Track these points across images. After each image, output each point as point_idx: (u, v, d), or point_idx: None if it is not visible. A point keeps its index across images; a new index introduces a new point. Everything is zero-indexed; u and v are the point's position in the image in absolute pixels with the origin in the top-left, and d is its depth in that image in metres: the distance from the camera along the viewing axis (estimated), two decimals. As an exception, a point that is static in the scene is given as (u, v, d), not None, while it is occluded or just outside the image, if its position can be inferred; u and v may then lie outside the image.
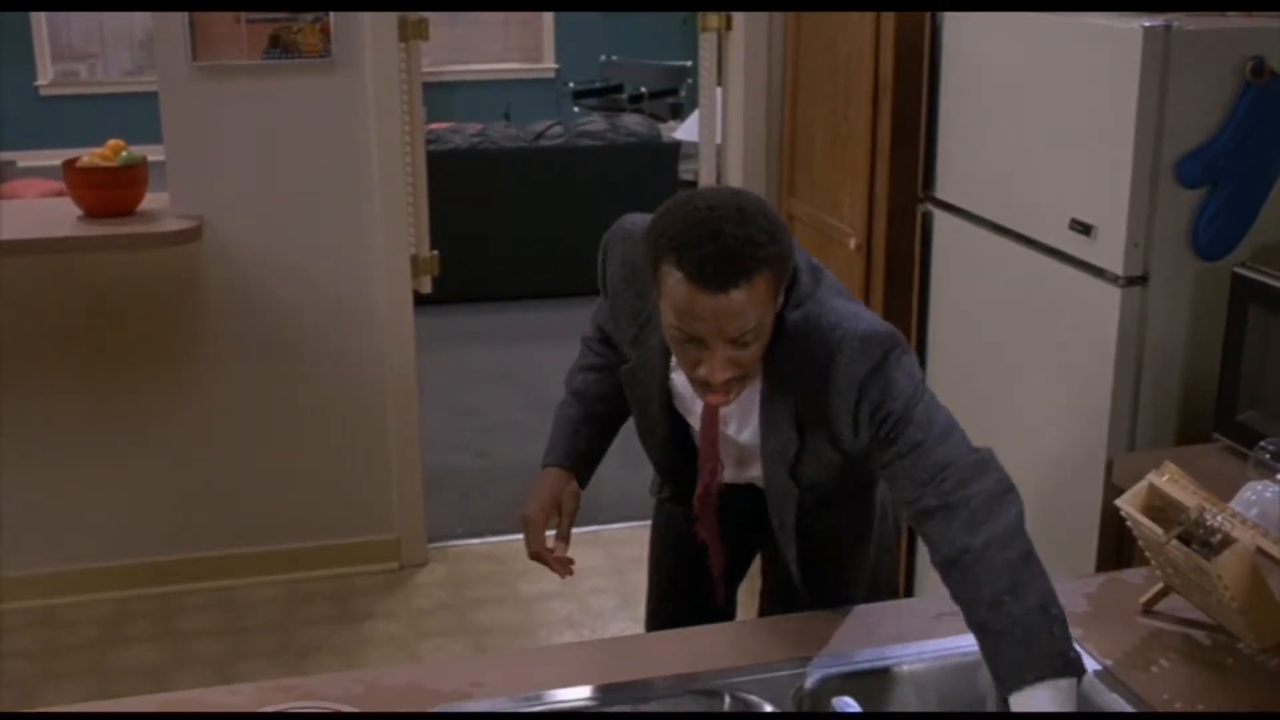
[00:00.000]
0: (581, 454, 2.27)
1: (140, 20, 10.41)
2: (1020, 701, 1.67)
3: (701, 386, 1.88)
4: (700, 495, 2.20)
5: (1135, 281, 2.64)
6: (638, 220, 2.08)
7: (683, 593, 2.43)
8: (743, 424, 2.06)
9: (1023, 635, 1.70)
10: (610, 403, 2.28)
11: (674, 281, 1.77)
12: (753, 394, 2.00)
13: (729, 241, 1.75)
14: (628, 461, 3.11)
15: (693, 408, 2.10)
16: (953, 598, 1.80)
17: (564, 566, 2.18)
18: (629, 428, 2.29)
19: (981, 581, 1.75)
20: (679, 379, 2.05)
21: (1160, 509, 1.95)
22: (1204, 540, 1.85)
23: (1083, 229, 2.72)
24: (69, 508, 3.96)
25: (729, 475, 2.18)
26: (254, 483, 4.05)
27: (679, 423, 2.16)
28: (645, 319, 2.06)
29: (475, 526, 4.48)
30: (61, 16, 10.51)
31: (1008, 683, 1.69)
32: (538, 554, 2.19)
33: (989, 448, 1.91)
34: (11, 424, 3.87)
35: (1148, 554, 2.00)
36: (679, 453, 2.21)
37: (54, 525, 3.97)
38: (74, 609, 3.93)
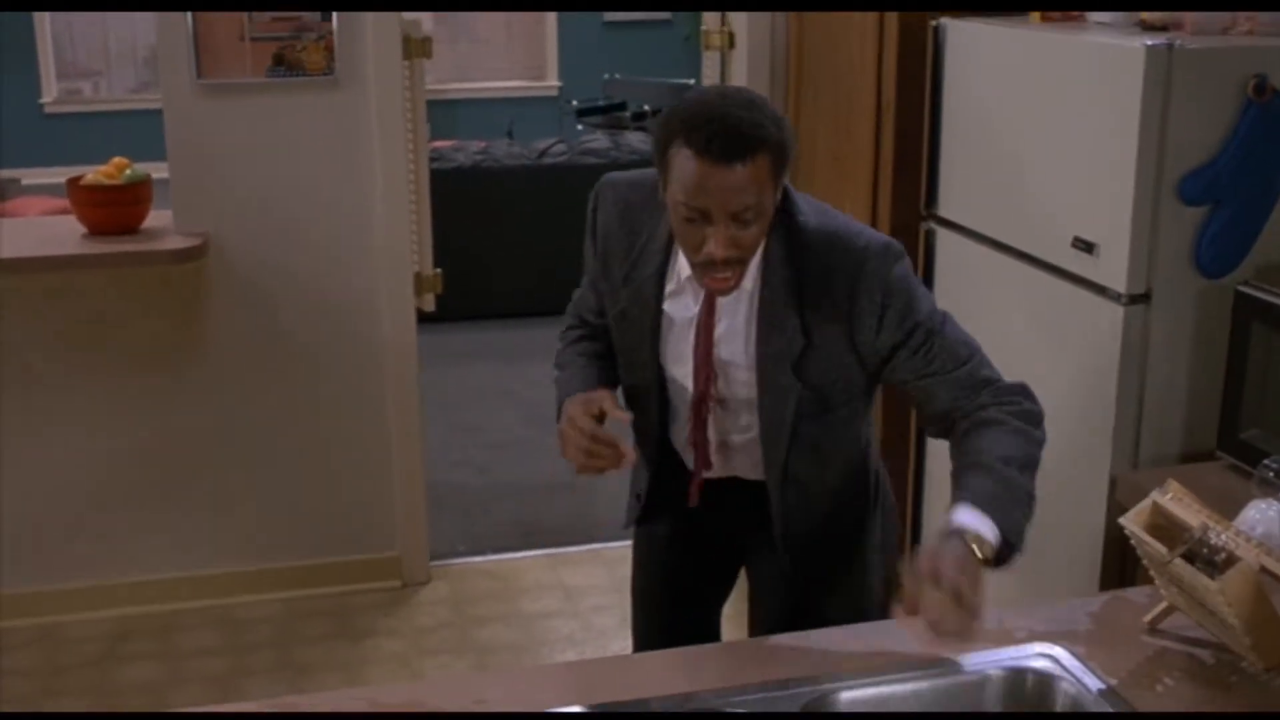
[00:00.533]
0: (594, 385, 2.22)
1: (144, 38, 10.44)
2: (960, 512, 1.89)
3: (705, 269, 1.97)
4: (694, 405, 2.18)
5: (1138, 299, 2.64)
6: (624, 174, 2.24)
7: (670, 625, 2.46)
8: (732, 341, 2.12)
9: (1006, 490, 1.94)
10: (609, 358, 2.30)
11: (684, 159, 1.91)
12: (740, 309, 2.09)
13: (735, 121, 1.90)
14: (628, 478, 3.09)
15: (682, 351, 2.15)
16: (960, 450, 2.02)
17: (619, 454, 2.07)
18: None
19: (1007, 451, 1.99)
20: (672, 307, 2.13)
21: (1164, 527, 1.94)
22: (1208, 559, 1.84)
23: (1085, 247, 2.72)
24: (69, 524, 3.96)
25: (714, 466, 2.24)
26: (255, 500, 4.05)
27: (665, 380, 2.20)
28: (638, 252, 2.15)
29: (477, 544, 4.47)
30: (66, 33, 10.54)
31: (966, 497, 1.91)
32: (589, 452, 2.06)
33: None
34: (13, 439, 3.87)
35: (1151, 572, 2.00)
36: (662, 412, 2.23)
37: (54, 542, 3.96)
38: (74, 627, 3.93)
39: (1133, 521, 1.97)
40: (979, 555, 1.83)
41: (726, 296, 2.07)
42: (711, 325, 2.11)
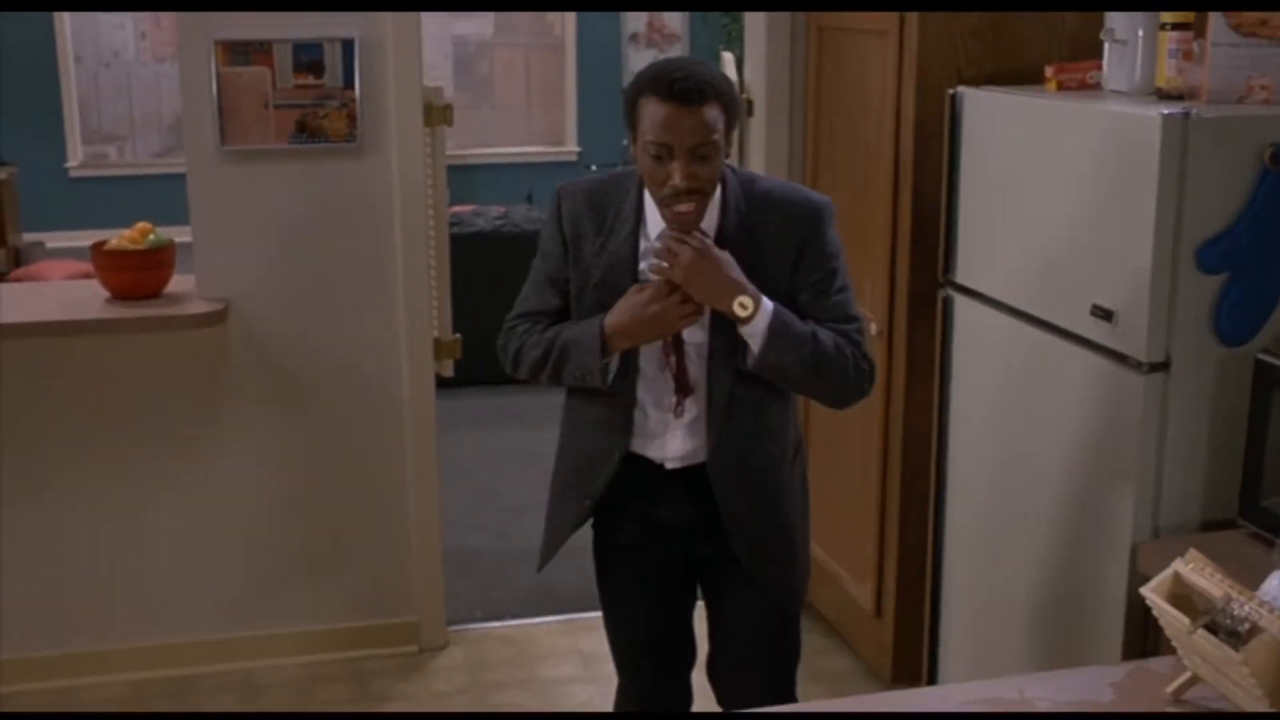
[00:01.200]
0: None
1: (169, 103, 10.57)
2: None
3: (670, 201, 2.37)
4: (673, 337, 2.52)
5: (1157, 367, 2.64)
6: (577, 179, 2.66)
7: (651, 635, 2.77)
8: None
9: (802, 327, 2.43)
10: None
11: (651, 105, 2.34)
12: None
13: (692, 72, 2.34)
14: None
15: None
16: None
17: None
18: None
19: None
20: (646, 265, 2.48)
21: (1186, 597, 1.93)
22: (1231, 630, 1.83)
23: (1104, 315, 2.72)
24: (86, 586, 3.96)
25: (677, 451, 2.55)
26: (273, 563, 4.05)
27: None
28: (610, 224, 2.53)
29: (495, 609, 4.45)
30: (92, 98, 10.67)
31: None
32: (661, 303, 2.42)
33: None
34: (33, 502, 3.88)
35: (1174, 643, 1.98)
36: (633, 374, 2.53)
37: (71, 603, 3.96)
38: (90, 690, 3.92)
39: (1154, 591, 1.96)
40: (743, 304, 2.37)
41: (688, 231, 2.40)
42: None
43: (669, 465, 2.58)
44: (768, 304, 2.40)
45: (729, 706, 2.71)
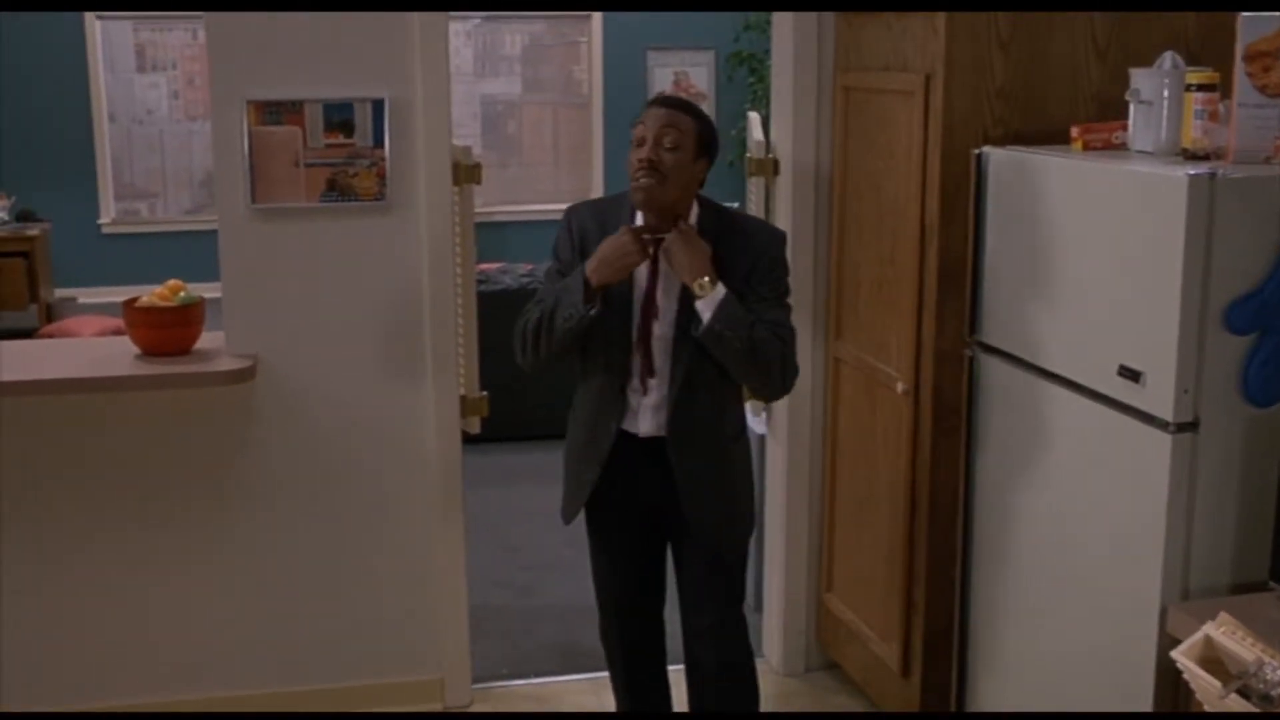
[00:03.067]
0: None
1: (201, 162, 10.69)
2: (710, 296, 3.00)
3: (635, 175, 3.01)
4: (643, 307, 3.14)
5: (1185, 428, 2.63)
6: (587, 200, 3.37)
7: (629, 607, 3.41)
8: (670, 284, 3.11)
9: (753, 321, 3.03)
10: None
11: (643, 113, 3.07)
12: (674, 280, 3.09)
13: (678, 96, 3.00)
14: (676, 603, 3.13)
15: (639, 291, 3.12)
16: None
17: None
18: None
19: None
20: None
21: (1217, 660, 1.92)
22: (1264, 694, 1.82)
23: (1132, 375, 2.71)
24: (111, 643, 3.97)
25: (646, 426, 3.16)
26: (297, 619, 4.05)
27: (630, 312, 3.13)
28: (608, 231, 3.10)
29: (520, 667, 4.44)
30: (125, 155, 10.81)
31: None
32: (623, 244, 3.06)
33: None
34: (61, 557, 3.90)
35: (1206, 707, 1.96)
36: (624, 338, 3.13)
37: (98, 661, 3.97)
38: (116, 747, 3.92)
39: (1185, 655, 1.95)
40: (703, 284, 2.98)
41: (649, 210, 3.04)
42: (655, 275, 3.11)
43: (641, 435, 3.17)
44: (722, 288, 2.99)
45: (687, 618, 3.28)
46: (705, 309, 2.99)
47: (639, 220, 3.12)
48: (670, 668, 3.51)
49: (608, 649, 3.50)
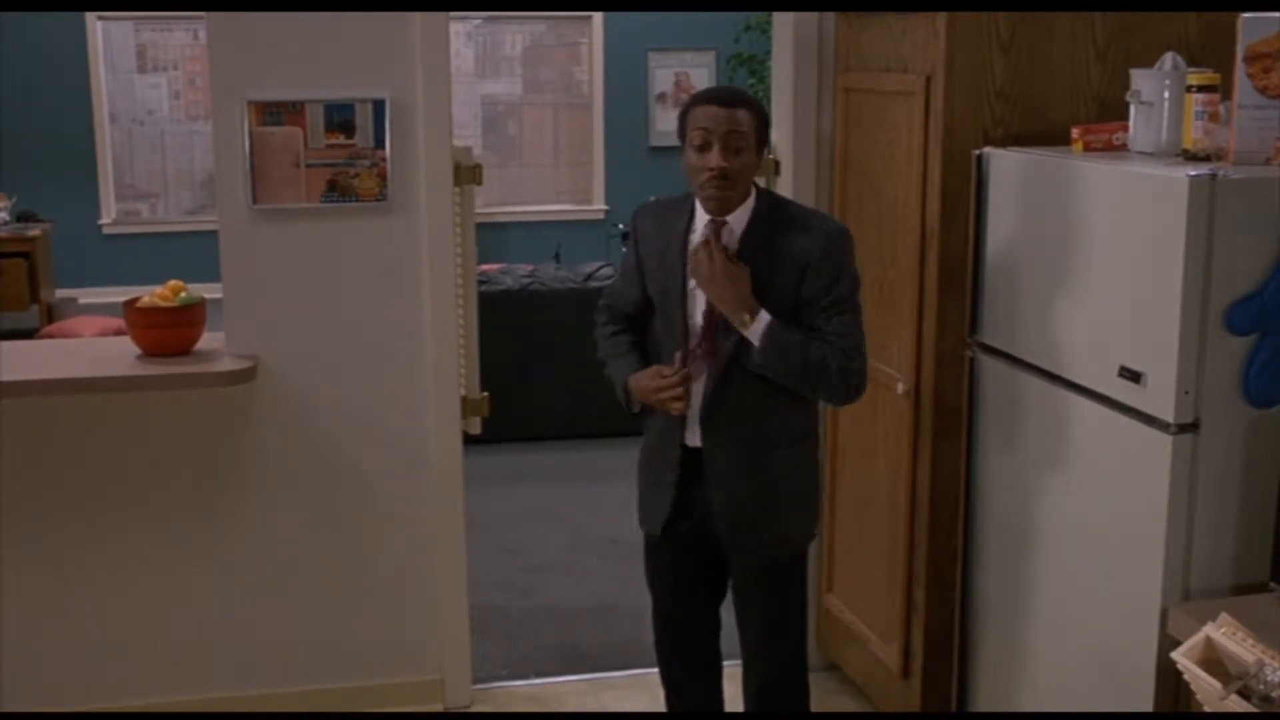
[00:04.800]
0: (638, 367, 3.11)
1: (202, 162, 10.70)
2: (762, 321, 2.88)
3: (706, 185, 2.88)
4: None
5: (1186, 429, 2.63)
6: (651, 200, 3.21)
7: (681, 623, 3.26)
8: None
9: (799, 336, 2.89)
10: (641, 344, 3.17)
11: (697, 110, 2.90)
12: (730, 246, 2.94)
13: (730, 87, 3.03)
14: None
15: (697, 298, 2.99)
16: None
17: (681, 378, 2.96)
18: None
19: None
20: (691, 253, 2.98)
21: (1217, 661, 1.92)
22: (1265, 695, 1.82)
23: (1132, 376, 2.72)
24: (111, 644, 3.97)
25: (692, 435, 3.02)
26: (297, 619, 4.05)
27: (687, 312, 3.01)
28: (669, 226, 3.05)
29: (520, 668, 4.44)
30: (126, 156, 10.81)
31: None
32: (660, 388, 2.97)
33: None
34: (58, 556, 3.90)
35: (1206, 708, 1.96)
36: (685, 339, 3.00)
37: (98, 662, 3.97)
38: (116, 747, 3.92)
39: (1186, 656, 1.95)
40: (744, 320, 2.88)
41: (721, 216, 2.92)
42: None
43: (691, 444, 3.05)
44: (765, 316, 2.88)
45: (744, 667, 3.20)
46: (753, 337, 2.89)
47: (699, 219, 2.98)
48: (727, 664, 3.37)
49: (657, 652, 3.35)
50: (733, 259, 2.90)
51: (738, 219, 2.95)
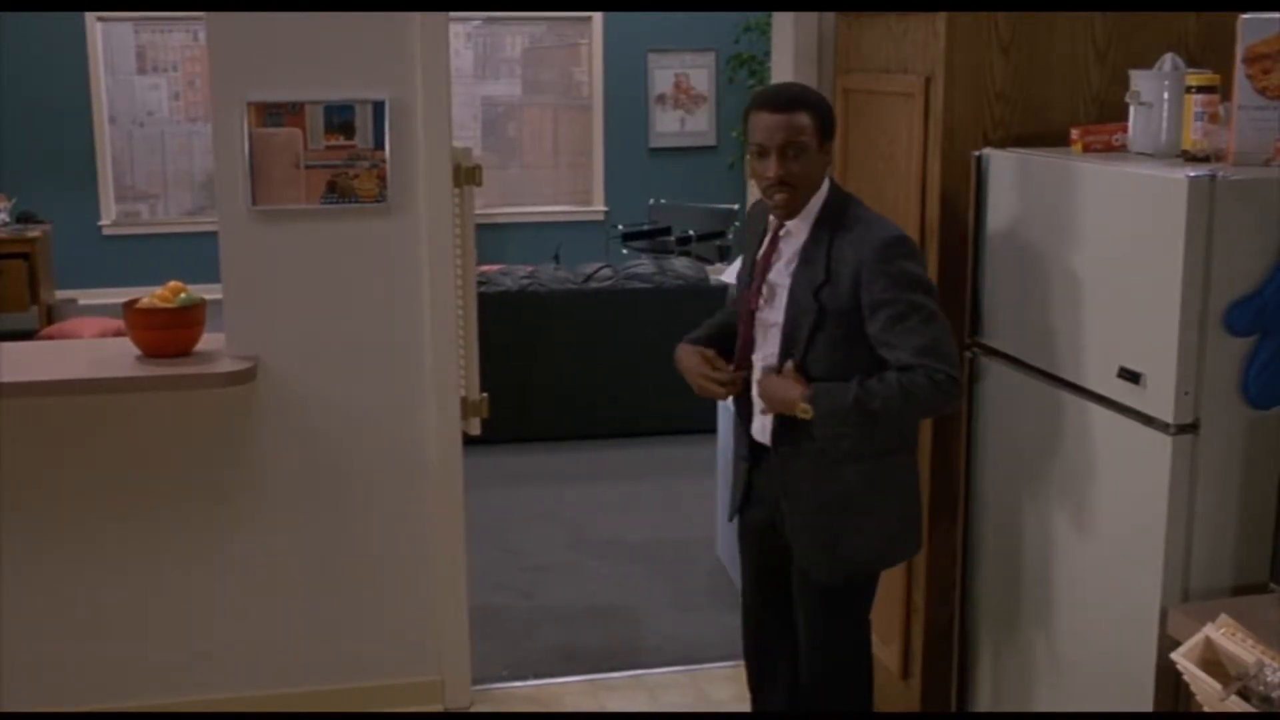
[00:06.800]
0: (704, 340, 3.17)
1: (201, 163, 10.71)
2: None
3: (767, 192, 2.91)
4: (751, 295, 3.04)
5: (1186, 429, 2.63)
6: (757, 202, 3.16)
7: (757, 617, 3.31)
8: (782, 271, 2.98)
9: (854, 389, 2.81)
10: (729, 327, 3.19)
11: (754, 116, 2.88)
12: (791, 248, 2.97)
13: (786, 88, 2.98)
14: (676, 606, 3.12)
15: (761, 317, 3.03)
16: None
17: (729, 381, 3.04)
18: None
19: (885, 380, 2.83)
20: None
21: (1217, 662, 1.92)
22: (1264, 696, 1.82)
23: (1131, 377, 2.72)
24: (111, 644, 3.97)
25: (757, 427, 3.04)
26: (297, 620, 4.05)
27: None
28: (753, 244, 3.08)
29: (520, 669, 4.44)
30: (126, 157, 10.82)
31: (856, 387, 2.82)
32: (704, 376, 3.04)
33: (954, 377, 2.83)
34: (59, 557, 3.90)
35: (1206, 709, 1.97)
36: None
37: (96, 662, 3.97)
38: (116, 748, 3.92)
39: (1186, 656, 1.95)
40: (804, 409, 2.84)
41: (783, 222, 2.96)
42: (772, 254, 3.00)
43: (756, 438, 3.09)
44: (817, 399, 2.84)
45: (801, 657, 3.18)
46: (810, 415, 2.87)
47: (774, 222, 3.02)
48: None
49: (743, 649, 3.42)
50: (780, 371, 2.94)
51: (806, 217, 2.94)
